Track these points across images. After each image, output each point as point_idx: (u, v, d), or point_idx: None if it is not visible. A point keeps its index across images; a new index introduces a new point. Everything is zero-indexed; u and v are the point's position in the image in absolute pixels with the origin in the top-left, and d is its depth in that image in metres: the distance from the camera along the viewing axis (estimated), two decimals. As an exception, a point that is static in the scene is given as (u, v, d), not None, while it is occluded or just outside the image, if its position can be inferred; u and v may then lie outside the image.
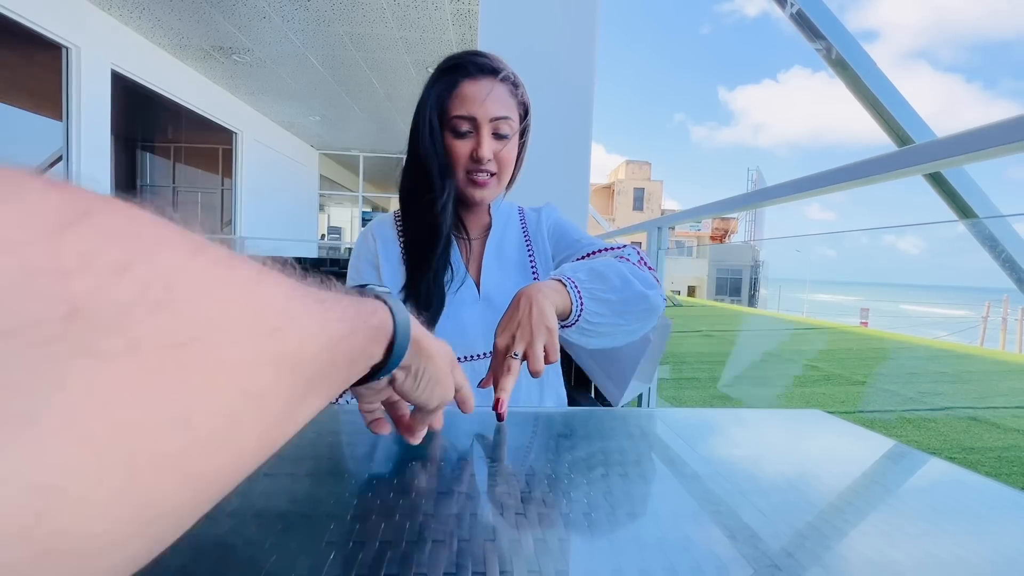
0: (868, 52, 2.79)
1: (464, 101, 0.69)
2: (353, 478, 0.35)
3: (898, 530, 0.31)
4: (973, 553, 0.29)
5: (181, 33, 4.66)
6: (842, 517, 0.33)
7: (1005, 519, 0.34)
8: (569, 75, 2.44)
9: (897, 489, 0.40)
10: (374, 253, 0.75)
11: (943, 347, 5.74)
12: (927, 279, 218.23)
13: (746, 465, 0.43)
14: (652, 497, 0.35)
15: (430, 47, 4.67)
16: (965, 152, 0.93)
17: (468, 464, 0.39)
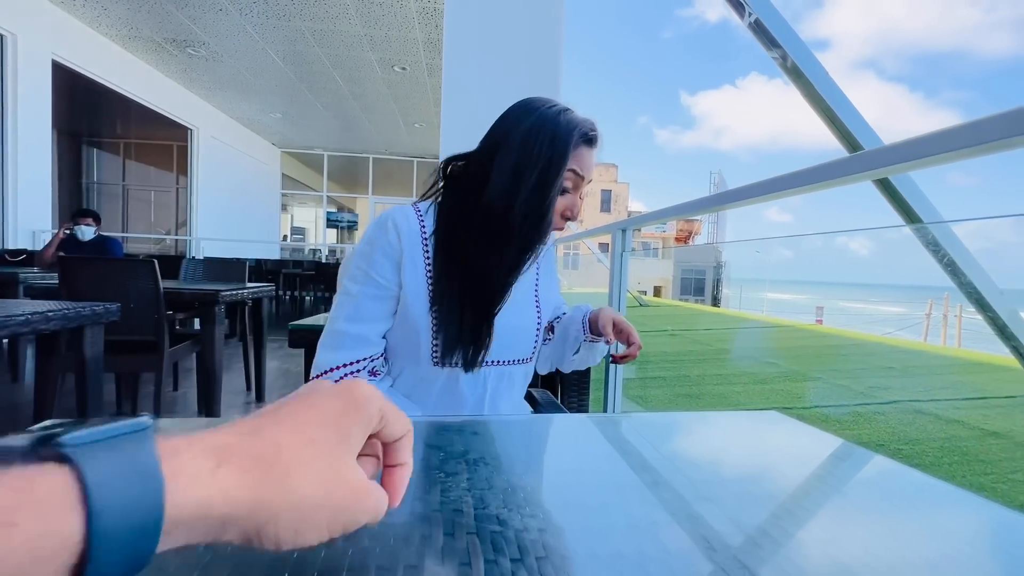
0: (820, 61, 2.91)
1: (583, 162, 0.71)
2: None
3: (845, 526, 0.32)
4: (913, 548, 0.29)
5: (131, 24, 4.43)
6: (794, 515, 0.33)
7: (941, 513, 0.35)
8: (536, 74, 2.44)
9: (845, 487, 0.40)
10: (397, 249, 0.69)
11: (891, 343, 6.05)
12: (876, 278, 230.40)
13: (705, 466, 0.43)
14: (614, 503, 0.34)
15: (396, 45, 4.60)
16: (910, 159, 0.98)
17: (423, 478, 0.37)
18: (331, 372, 0.68)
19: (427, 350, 0.68)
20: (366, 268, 0.69)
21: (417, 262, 0.69)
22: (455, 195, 0.72)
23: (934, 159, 0.91)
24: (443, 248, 0.69)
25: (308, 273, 6.35)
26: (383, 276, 0.68)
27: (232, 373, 3.25)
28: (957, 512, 0.37)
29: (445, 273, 0.68)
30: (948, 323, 11.37)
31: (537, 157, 0.67)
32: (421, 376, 0.71)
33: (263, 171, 8.83)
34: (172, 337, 2.13)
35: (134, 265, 1.96)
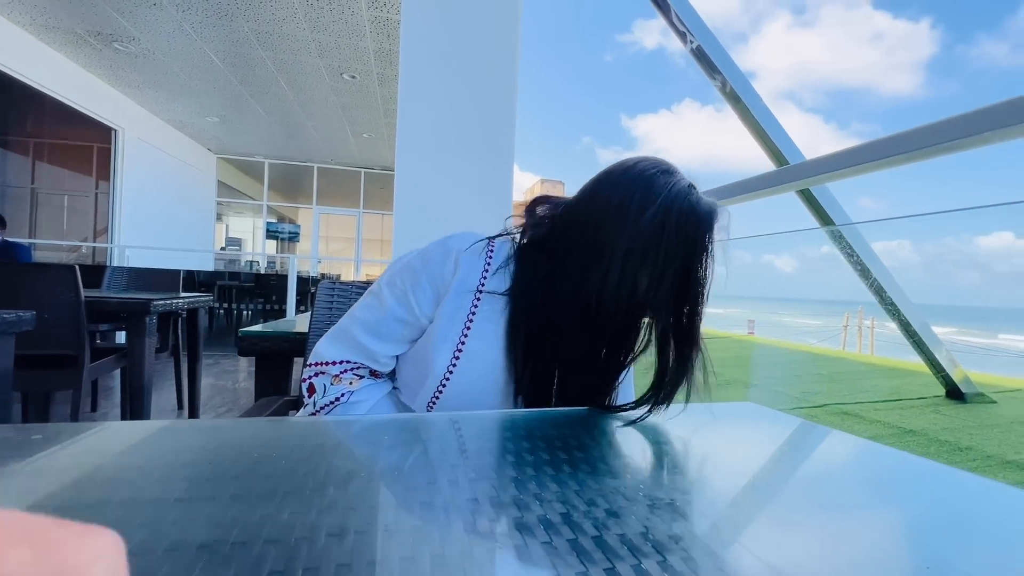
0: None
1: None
2: (292, 497, 0.30)
3: (830, 503, 0.33)
4: (888, 516, 0.31)
5: (47, 12, 4.07)
6: (784, 497, 0.34)
7: (914, 484, 0.37)
8: (492, 89, 2.47)
9: (824, 466, 0.42)
10: (448, 284, 0.62)
11: (816, 351, 6.52)
12: (799, 293, 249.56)
13: (690, 457, 0.43)
14: (591, 498, 0.33)
15: (346, 53, 4.51)
16: (828, 171, 1.09)
17: (409, 473, 0.35)
18: (333, 365, 0.64)
19: (428, 396, 0.62)
20: (409, 287, 0.63)
21: (460, 311, 0.62)
22: (539, 256, 0.62)
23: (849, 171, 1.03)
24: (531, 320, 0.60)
25: (246, 285, 6.01)
26: (420, 304, 0.63)
27: (161, 391, 3.00)
28: (928, 481, 0.39)
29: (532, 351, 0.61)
30: (862, 333, 12.41)
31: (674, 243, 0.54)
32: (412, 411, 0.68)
33: (197, 177, 8.31)
34: (92, 351, 1.93)
35: (51, 271, 1.77)
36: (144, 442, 0.37)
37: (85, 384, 1.84)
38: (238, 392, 3.16)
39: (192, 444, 0.37)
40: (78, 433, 0.38)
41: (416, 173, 2.17)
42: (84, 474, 0.31)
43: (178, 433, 0.41)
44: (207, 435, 0.40)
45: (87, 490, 0.29)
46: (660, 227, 0.54)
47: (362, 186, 9.43)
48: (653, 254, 0.54)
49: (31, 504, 0.26)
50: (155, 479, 0.31)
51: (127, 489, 0.29)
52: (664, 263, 0.54)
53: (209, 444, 0.37)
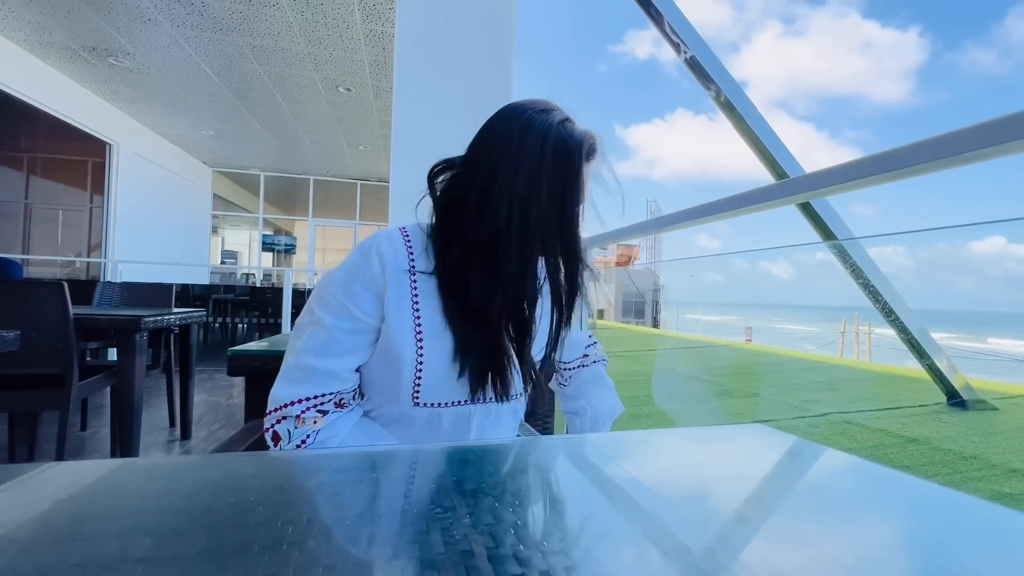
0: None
1: (584, 186, 0.65)
2: (268, 552, 0.27)
3: (840, 533, 0.30)
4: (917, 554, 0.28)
5: (43, 29, 4.07)
6: (794, 526, 0.31)
7: (944, 519, 0.35)
8: (486, 102, 2.46)
9: (842, 497, 0.40)
10: (381, 281, 0.61)
11: (815, 359, 6.50)
12: (796, 300, 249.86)
13: (696, 483, 0.41)
14: (594, 529, 0.30)
15: (341, 66, 4.52)
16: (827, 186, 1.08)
17: (417, 516, 0.32)
18: (292, 405, 0.59)
19: (408, 389, 0.62)
20: (344, 299, 0.61)
21: (404, 296, 0.62)
22: (450, 216, 0.64)
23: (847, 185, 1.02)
24: (454, 284, 0.62)
25: (241, 299, 5.96)
26: (362, 309, 0.61)
27: (152, 408, 2.95)
28: (949, 512, 0.36)
29: (462, 309, 0.62)
30: (860, 339, 12.42)
31: (551, 175, 0.60)
32: (401, 413, 0.65)
33: (192, 191, 8.29)
34: (82, 370, 1.89)
35: (38, 288, 1.73)
36: (103, 485, 0.34)
37: (74, 404, 1.80)
38: (232, 408, 3.11)
39: (161, 488, 0.34)
40: (19, 475, 0.35)
41: (411, 184, 2.15)
42: (26, 529, 0.28)
43: (143, 473, 0.38)
44: (177, 475, 0.37)
45: (32, 550, 0.26)
46: (539, 160, 0.59)
47: (358, 198, 9.43)
48: (536, 186, 0.59)
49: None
50: (114, 533, 0.28)
51: (81, 548, 0.26)
52: (547, 192, 0.59)
53: (180, 487, 0.34)
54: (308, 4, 3.56)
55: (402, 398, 0.62)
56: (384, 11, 3.60)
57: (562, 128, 0.62)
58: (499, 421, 0.70)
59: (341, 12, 3.65)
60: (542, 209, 0.60)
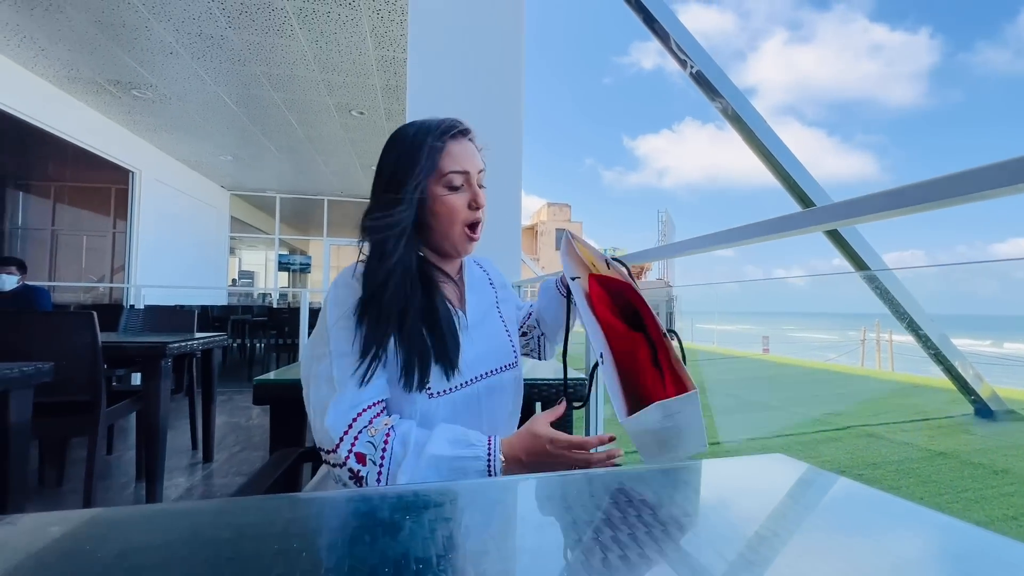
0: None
1: (457, 158, 0.75)
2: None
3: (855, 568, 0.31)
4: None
5: (70, 65, 4.25)
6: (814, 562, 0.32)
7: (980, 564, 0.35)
8: (497, 122, 2.51)
9: (858, 531, 0.40)
10: (351, 311, 0.69)
11: (836, 369, 6.37)
12: (813, 307, 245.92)
13: (715, 518, 0.41)
14: (615, 561, 0.31)
15: (354, 91, 4.64)
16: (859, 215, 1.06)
17: (424, 550, 0.34)
18: (358, 419, 0.63)
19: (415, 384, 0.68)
20: (350, 330, 0.68)
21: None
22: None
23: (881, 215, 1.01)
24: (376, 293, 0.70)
25: (259, 319, 6.04)
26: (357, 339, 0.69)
27: (175, 431, 3.00)
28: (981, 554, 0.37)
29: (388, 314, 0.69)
30: (880, 347, 12.14)
31: (404, 180, 0.72)
32: (421, 411, 0.70)
33: (211, 214, 8.49)
34: (108, 395, 1.94)
35: (69, 318, 1.80)
36: (132, 532, 0.36)
37: (101, 429, 1.85)
38: (251, 430, 3.15)
39: (188, 536, 0.36)
40: (88, 520, 0.37)
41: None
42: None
43: (165, 521, 0.40)
44: (197, 521, 0.39)
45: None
46: (410, 149, 0.73)
47: (371, 217, 9.56)
48: (414, 169, 0.72)
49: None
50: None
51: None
52: (420, 168, 0.72)
53: (204, 533, 0.36)
54: (322, 34, 3.68)
55: (416, 395, 0.68)
56: (395, 37, 3.70)
57: (415, 128, 0.76)
58: (503, 391, 0.80)
59: (354, 40, 3.76)
60: (407, 178, 0.71)
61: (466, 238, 0.77)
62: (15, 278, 2.95)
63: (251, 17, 3.50)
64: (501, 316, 0.87)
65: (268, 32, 3.67)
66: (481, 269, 0.92)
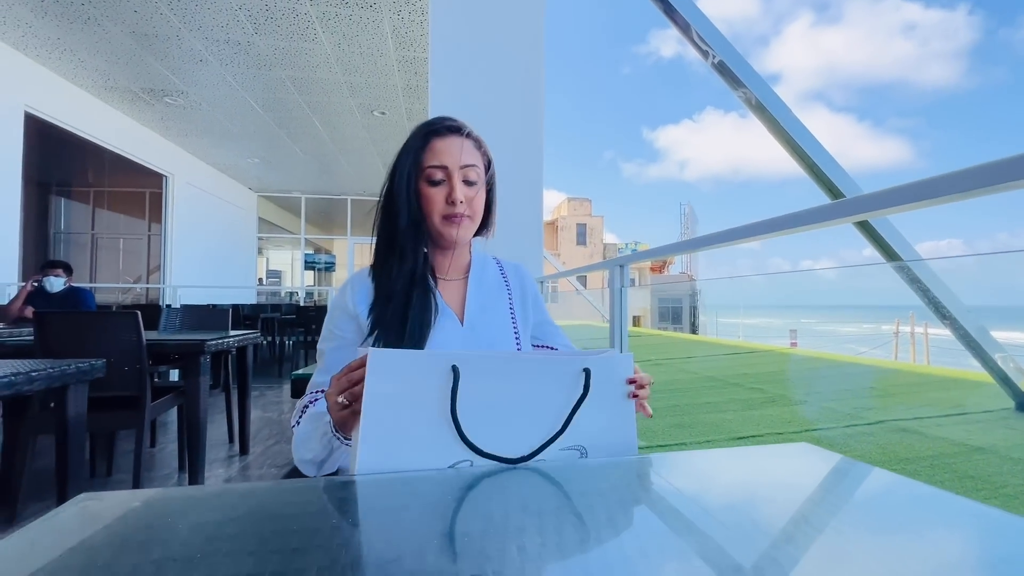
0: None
1: (436, 153, 0.79)
2: (353, 568, 0.32)
3: (892, 557, 0.32)
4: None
5: (107, 75, 4.44)
6: (839, 550, 0.34)
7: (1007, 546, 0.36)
8: (518, 118, 2.53)
9: (889, 519, 0.41)
10: (349, 303, 0.78)
11: (865, 363, 6.21)
12: (843, 300, 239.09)
13: (741, 506, 0.43)
14: (645, 552, 0.34)
15: (376, 92, 4.71)
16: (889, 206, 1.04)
17: (444, 530, 0.37)
18: (306, 401, 0.75)
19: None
20: (331, 327, 0.79)
21: (365, 305, 0.79)
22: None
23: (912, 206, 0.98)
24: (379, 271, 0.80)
25: (287, 317, 6.21)
26: (341, 329, 0.78)
27: (212, 425, 3.12)
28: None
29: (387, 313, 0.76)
30: (915, 340, 11.73)
31: (394, 174, 0.80)
32: None
33: (240, 216, 8.74)
34: (152, 391, 2.04)
35: (116, 318, 1.90)
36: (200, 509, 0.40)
37: (146, 423, 1.95)
38: (284, 424, 3.26)
39: (239, 514, 0.40)
40: (168, 497, 0.41)
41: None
42: (178, 547, 0.34)
43: (231, 498, 0.43)
44: (261, 500, 0.43)
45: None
46: (403, 149, 0.81)
47: (393, 215, 9.69)
48: (402, 168, 0.79)
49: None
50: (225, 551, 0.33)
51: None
52: (407, 166, 0.79)
53: (258, 511, 0.40)
54: (344, 36, 3.75)
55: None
56: (416, 38, 3.75)
57: (422, 122, 0.82)
58: None
59: (375, 41, 3.82)
60: (396, 175, 0.79)
61: (446, 225, 0.79)
62: (62, 280, 3.11)
63: (276, 22, 3.59)
64: (513, 318, 0.85)
65: (292, 36, 3.76)
66: (500, 271, 0.91)
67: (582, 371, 0.59)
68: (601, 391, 0.61)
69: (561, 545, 0.35)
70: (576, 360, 0.60)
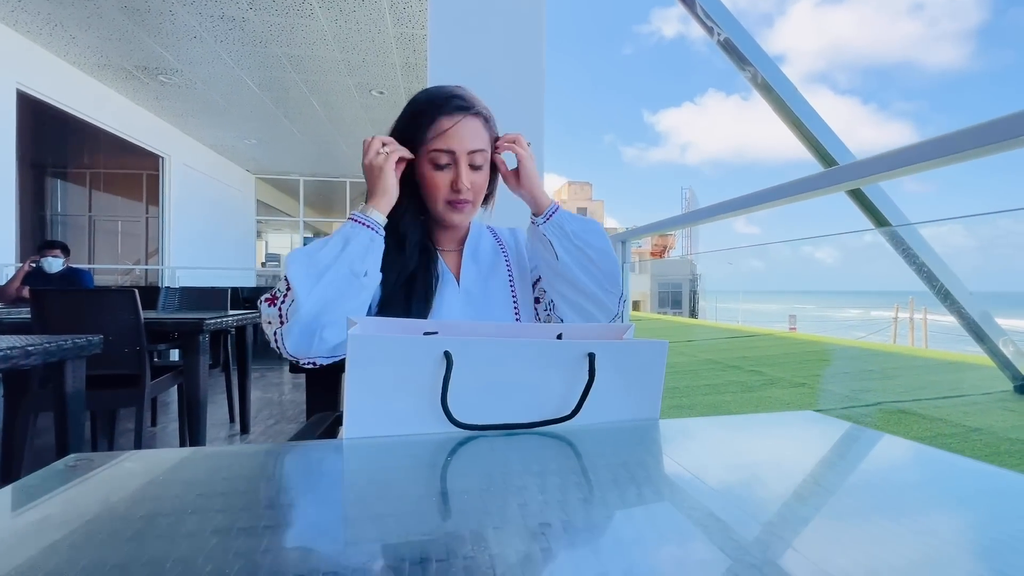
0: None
1: (443, 136, 0.74)
2: (339, 524, 0.31)
3: (901, 523, 0.31)
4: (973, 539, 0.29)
5: (101, 52, 4.35)
6: (847, 515, 0.33)
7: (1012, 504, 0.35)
8: (518, 99, 2.48)
9: (901, 482, 0.40)
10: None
11: (864, 346, 6.23)
12: (842, 285, 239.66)
13: (751, 469, 0.42)
14: (651, 515, 0.33)
15: (373, 70, 4.63)
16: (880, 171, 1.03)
17: (442, 488, 0.36)
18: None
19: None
20: None
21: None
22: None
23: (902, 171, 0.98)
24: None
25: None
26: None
27: (213, 405, 3.13)
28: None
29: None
30: (914, 325, 11.77)
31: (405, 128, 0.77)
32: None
33: (237, 198, 8.67)
34: (151, 370, 2.04)
35: (113, 296, 1.88)
36: (187, 469, 0.39)
37: (147, 401, 1.95)
38: (284, 404, 3.27)
39: (246, 472, 0.39)
40: (159, 458, 0.40)
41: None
42: (168, 502, 0.33)
43: (248, 459, 0.43)
44: (270, 459, 0.42)
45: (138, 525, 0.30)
46: (408, 120, 0.77)
47: (393, 198, 9.62)
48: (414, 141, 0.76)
49: (84, 537, 0.28)
50: (217, 508, 0.32)
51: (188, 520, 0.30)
52: (415, 139, 0.75)
53: (264, 472, 0.39)
54: (341, 12, 3.67)
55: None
56: (414, 14, 3.66)
57: (429, 92, 0.78)
58: None
59: (372, 18, 3.74)
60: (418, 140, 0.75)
61: (449, 211, 0.77)
62: (60, 260, 3.09)
63: (271, -3, 3.51)
64: (512, 288, 0.84)
65: (288, 12, 3.68)
66: (495, 239, 0.90)
67: (586, 356, 0.52)
68: (623, 380, 0.54)
69: (554, 511, 0.33)
70: (583, 345, 0.53)
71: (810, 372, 4.18)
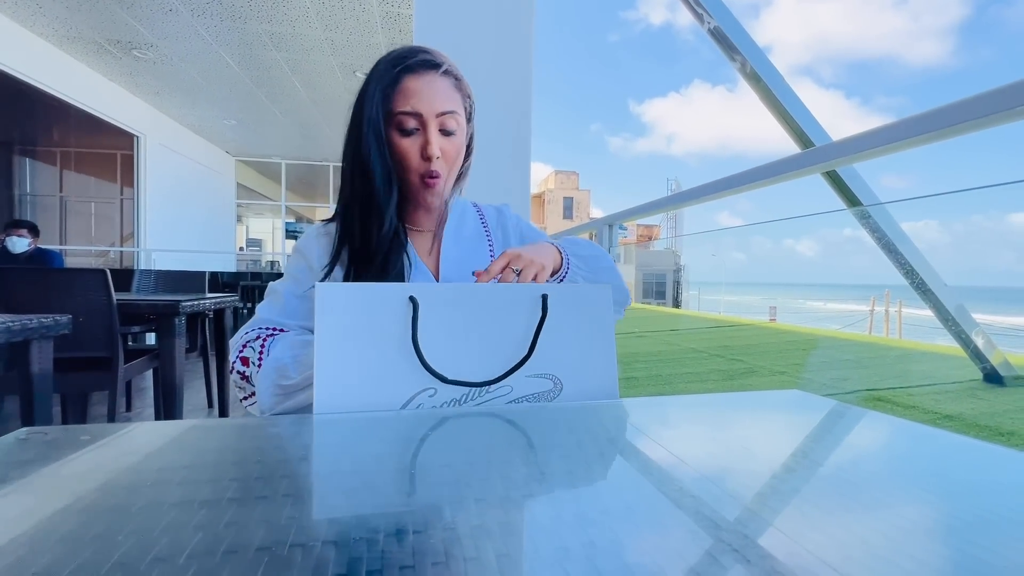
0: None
1: (408, 96, 0.67)
2: (309, 496, 0.29)
3: (893, 497, 0.31)
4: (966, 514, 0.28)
5: (69, 23, 4.16)
6: (843, 494, 0.32)
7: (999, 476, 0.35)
8: (506, 82, 2.44)
9: (888, 457, 0.40)
10: (315, 260, 0.74)
11: (842, 337, 6.38)
12: (821, 278, 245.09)
13: (738, 444, 0.42)
14: (627, 494, 0.32)
15: (357, 50, 4.51)
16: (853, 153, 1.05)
17: (424, 467, 0.34)
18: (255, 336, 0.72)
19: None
20: (293, 272, 0.75)
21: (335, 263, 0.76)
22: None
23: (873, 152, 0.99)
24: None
25: (265, 285, 6.10)
26: (303, 276, 0.74)
27: (190, 391, 3.06)
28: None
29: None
30: (889, 318, 12.07)
31: (357, 117, 0.69)
32: None
33: (217, 181, 8.45)
34: (125, 353, 1.98)
35: (82, 275, 1.81)
36: (187, 440, 0.37)
37: (120, 385, 1.89)
38: (265, 390, 3.22)
39: (236, 444, 0.37)
40: (117, 432, 0.38)
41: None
42: (124, 476, 0.31)
43: (229, 431, 0.40)
44: (250, 433, 0.39)
45: (124, 492, 0.28)
46: (367, 84, 0.69)
47: (377, 183, 9.47)
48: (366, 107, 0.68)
49: (67, 505, 0.26)
50: (202, 480, 0.30)
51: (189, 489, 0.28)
52: (378, 101, 0.68)
53: (249, 444, 0.37)
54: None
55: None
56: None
57: (391, 52, 0.71)
58: None
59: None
60: (360, 117, 0.69)
61: (422, 187, 0.70)
62: (26, 240, 2.97)
63: (251, -30, 3.38)
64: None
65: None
66: (480, 219, 0.83)
67: (540, 297, 0.57)
68: (575, 321, 0.59)
69: (536, 491, 0.32)
70: (536, 287, 0.59)
71: (790, 361, 4.26)
